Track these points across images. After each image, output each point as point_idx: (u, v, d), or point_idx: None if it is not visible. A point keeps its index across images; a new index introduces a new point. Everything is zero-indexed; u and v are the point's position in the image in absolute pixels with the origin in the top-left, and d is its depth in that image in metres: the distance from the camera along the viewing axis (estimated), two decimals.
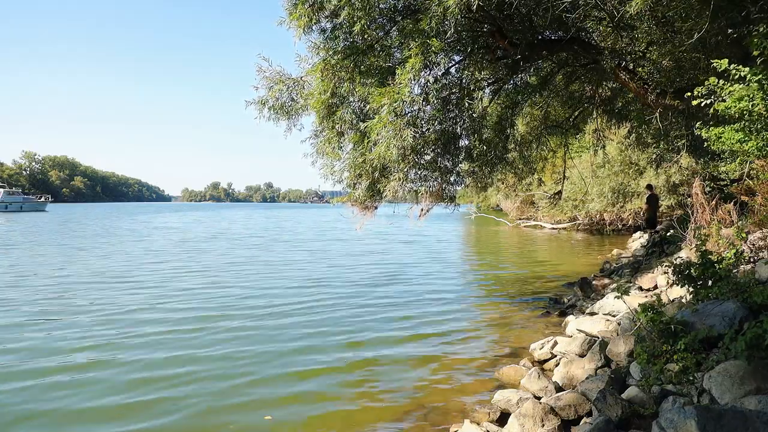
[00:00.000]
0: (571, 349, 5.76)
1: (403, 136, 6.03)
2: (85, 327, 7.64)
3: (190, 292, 10.47)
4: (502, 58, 7.57)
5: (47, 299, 9.67)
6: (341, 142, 7.28)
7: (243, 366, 6.05)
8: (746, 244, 6.49)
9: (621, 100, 10.03)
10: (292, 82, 7.36)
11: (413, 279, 12.43)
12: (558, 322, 7.82)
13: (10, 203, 66.49)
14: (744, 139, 5.02)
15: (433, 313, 8.70)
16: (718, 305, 4.41)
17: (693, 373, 3.82)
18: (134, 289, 10.86)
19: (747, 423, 2.79)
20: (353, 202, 7.64)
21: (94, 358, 6.26)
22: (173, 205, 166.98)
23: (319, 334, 7.43)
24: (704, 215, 9.02)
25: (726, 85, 4.61)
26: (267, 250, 19.47)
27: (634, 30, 6.49)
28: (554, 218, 29.96)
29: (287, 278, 12.50)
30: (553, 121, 10.58)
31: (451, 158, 7.63)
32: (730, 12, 5.34)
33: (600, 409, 3.73)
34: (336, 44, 6.71)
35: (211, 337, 7.22)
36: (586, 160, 23.73)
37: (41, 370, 5.84)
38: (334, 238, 25.44)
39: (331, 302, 9.57)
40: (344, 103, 6.98)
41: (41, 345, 6.79)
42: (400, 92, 5.85)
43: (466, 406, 4.85)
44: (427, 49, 5.84)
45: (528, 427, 3.94)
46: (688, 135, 9.00)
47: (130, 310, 8.78)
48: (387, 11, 6.60)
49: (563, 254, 18.56)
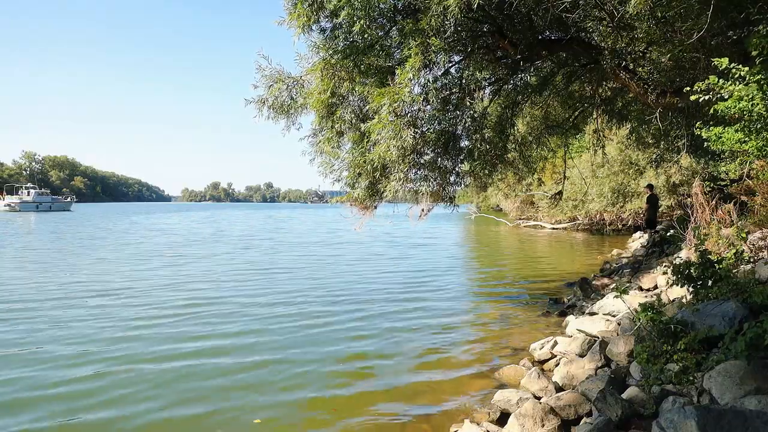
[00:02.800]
0: (571, 349, 5.76)
1: (403, 136, 6.03)
2: (85, 328, 7.66)
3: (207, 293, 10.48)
4: (502, 58, 7.57)
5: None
6: (341, 142, 7.28)
7: (243, 365, 6.05)
8: (746, 244, 6.49)
9: (621, 100, 10.04)
10: (292, 81, 7.36)
11: (413, 279, 12.43)
12: (558, 322, 7.82)
13: (41, 203, 71.39)
14: (744, 139, 5.02)
15: (433, 313, 8.70)
16: (718, 305, 4.40)
17: (693, 373, 3.82)
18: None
19: (747, 423, 2.78)
20: (353, 202, 7.64)
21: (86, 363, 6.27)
22: (176, 205, 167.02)
23: (317, 333, 7.43)
24: (704, 215, 9.01)
25: (726, 84, 4.61)
26: (268, 254, 19.48)
27: (634, 30, 6.48)
28: (554, 218, 29.97)
29: (286, 278, 12.50)
30: (553, 121, 10.58)
31: (451, 158, 7.63)
32: (730, 12, 5.34)
33: (600, 409, 3.73)
34: (336, 44, 6.72)
35: (208, 338, 7.22)
36: (586, 160, 23.73)
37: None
38: (332, 238, 25.43)
39: (329, 302, 9.56)
40: (344, 102, 6.98)
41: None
42: (399, 92, 5.85)
43: (466, 406, 4.84)
44: (427, 48, 5.85)
45: (528, 427, 3.94)
46: (688, 135, 9.00)
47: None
48: (387, 11, 6.60)
49: (563, 254, 18.56)
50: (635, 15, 5.53)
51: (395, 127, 6.03)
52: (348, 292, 10.59)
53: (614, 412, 3.61)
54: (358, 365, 6.15)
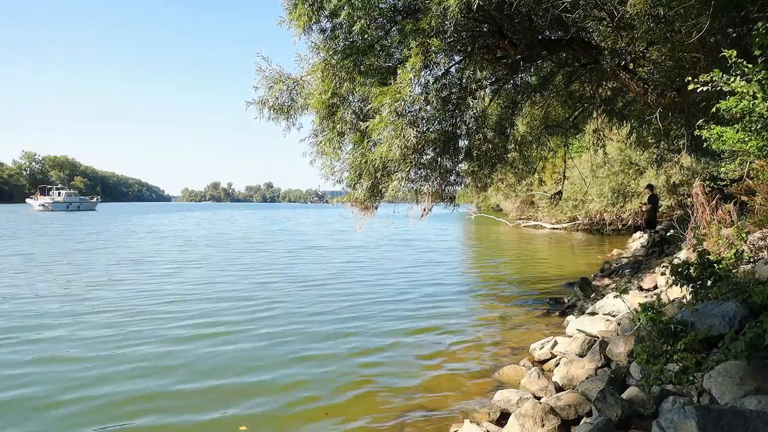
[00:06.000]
0: (571, 349, 5.76)
1: (406, 136, 6.02)
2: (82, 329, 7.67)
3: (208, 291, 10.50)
4: (502, 58, 7.56)
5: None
6: (341, 142, 7.27)
7: (241, 365, 6.05)
8: (746, 244, 6.49)
9: (621, 100, 10.03)
10: (292, 82, 7.35)
11: (413, 279, 12.43)
12: (558, 322, 7.82)
13: (70, 203, 77.85)
14: (744, 139, 5.01)
15: (433, 314, 8.70)
16: (718, 305, 4.40)
17: (693, 373, 3.82)
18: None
19: (747, 423, 2.78)
20: (353, 202, 7.64)
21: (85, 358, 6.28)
22: (176, 205, 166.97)
23: (317, 333, 7.43)
24: (704, 215, 9.01)
25: (730, 80, 4.59)
26: (268, 252, 19.48)
27: (634, 30, 6.48)
28: (554, 218, 29.96)
29: (285, 278, 12.50)
30: (553, 121, 10.57)
31: (451, 158, 7.62)
32: (730, 12, 5.34)
33: (600, 409, 3.73)
34: (336, 44, 6.71)
35: (202, 339, 7.23)
36: (586, 160, 23.73)
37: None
38: (330, 237, 25.43)
39: (328, 302, 9.57)
40: (344, 103, 6.97)
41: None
42: (401, 92, 5.85)
43: (466, 406, 4.85)
44: (427, 48, 5.84)
45: (528, 427, 3.94)
46: (688, 135, 8.99)
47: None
48: (387, 11, 6.59)
49: (563, 254, 18.56)
50: (635, 15, 5.53)
51: (397, 127, 6.02)
52: (346, 292, 10.58)
53: (614, 412, 3.62)
54: (357, 365, 6.15)
